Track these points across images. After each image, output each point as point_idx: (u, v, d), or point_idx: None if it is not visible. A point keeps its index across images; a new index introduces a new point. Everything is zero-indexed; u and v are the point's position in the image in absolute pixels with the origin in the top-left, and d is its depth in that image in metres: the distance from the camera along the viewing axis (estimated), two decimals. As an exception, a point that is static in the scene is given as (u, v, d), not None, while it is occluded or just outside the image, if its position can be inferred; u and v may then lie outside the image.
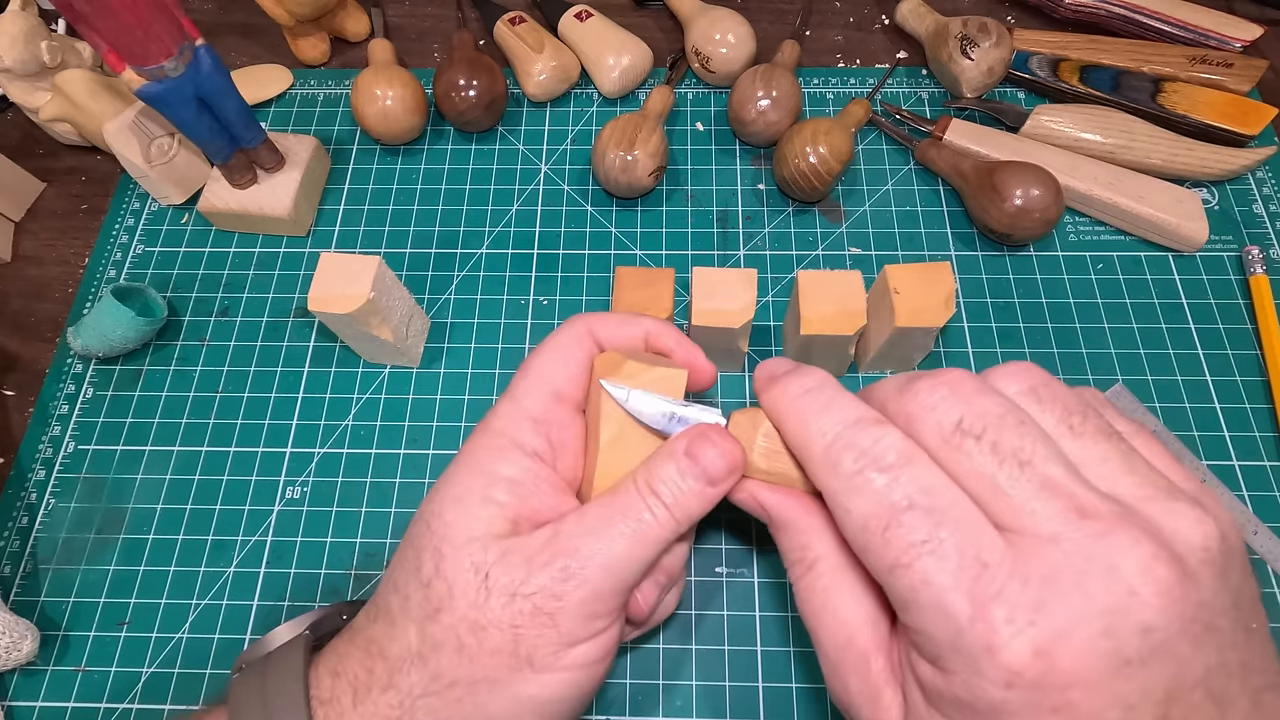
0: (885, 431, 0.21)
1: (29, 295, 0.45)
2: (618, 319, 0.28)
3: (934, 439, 0.20)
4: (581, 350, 0.27)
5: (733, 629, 0.35)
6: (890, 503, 0.20)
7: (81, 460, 0.40)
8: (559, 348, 0.27)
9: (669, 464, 0.24)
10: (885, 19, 0.53)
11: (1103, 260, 0.43)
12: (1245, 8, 0.51)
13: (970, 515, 0.19)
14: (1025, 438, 0.20)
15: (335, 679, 0.24)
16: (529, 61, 0.48)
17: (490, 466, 0.25)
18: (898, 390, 0.22)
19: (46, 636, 0.35)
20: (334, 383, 0.41)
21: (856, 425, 0.21)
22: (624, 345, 0.28)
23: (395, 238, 0.46)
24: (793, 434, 0.23)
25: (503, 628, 0.22)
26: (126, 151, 0.43)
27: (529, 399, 0.26)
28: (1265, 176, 0.45)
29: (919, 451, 0.21)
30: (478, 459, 0.25)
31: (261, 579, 0.37)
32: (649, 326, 0.28)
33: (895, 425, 0.21)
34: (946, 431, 0.20)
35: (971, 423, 0.20)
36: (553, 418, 0.26)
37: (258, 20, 0.52)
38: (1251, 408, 0.39)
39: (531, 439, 0.25)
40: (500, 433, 0.25)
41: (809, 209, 0.46)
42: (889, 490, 0.20)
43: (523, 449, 0.25)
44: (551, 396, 0.26)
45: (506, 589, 0.23)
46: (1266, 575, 0.35)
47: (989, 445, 0.20)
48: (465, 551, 0.23)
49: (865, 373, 0.40)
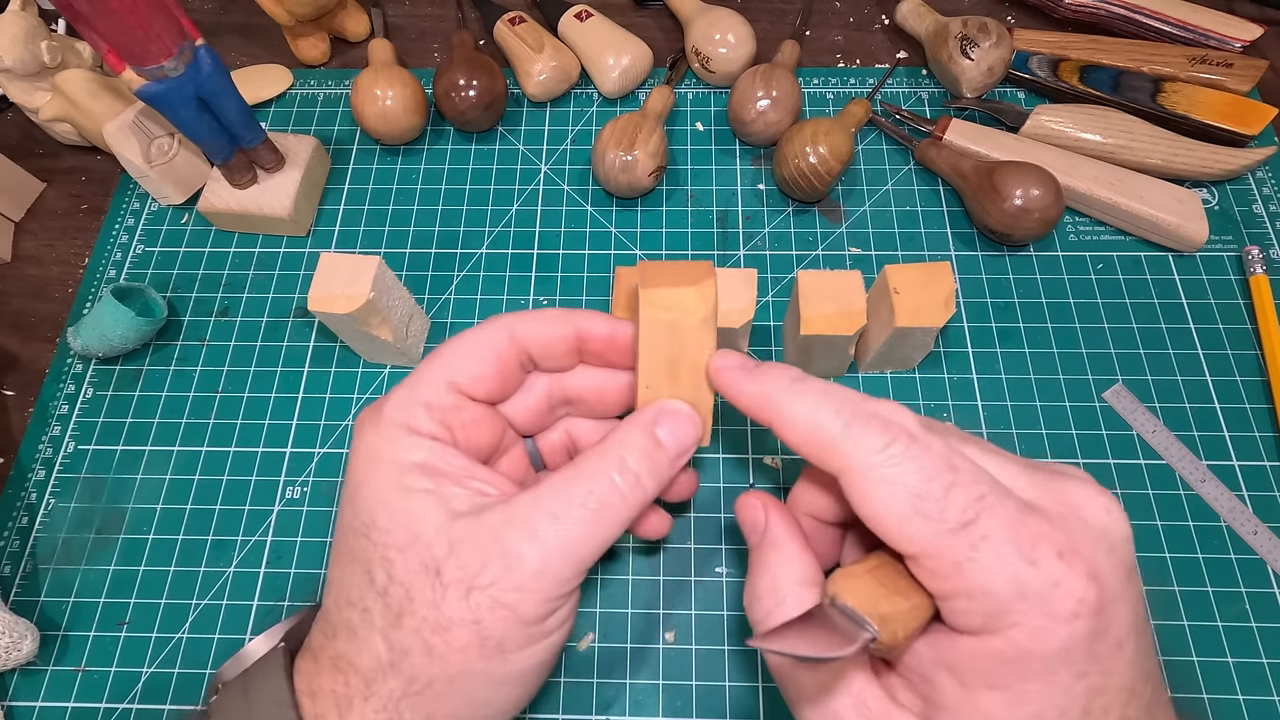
0: (893, 405, 0.21)
1: (29, 295, 0.45)
2: (544, 318, 0.27)
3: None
4: (493, 351, 0.26)
5: (732, 629, 0.35)
6: (950, 465, 0.20)
7: (81, 460, 0.40)
8: (469, 346, 0.26)
9: (639, 436, 0.24)
10: (885, 19, 0.53)
11: (1103, 260, 0.43)
12: (1245, 8, 0.51)
13: (985, 475, 0.21)
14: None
15: (314, 698, 0.23)
16: (529, 61, 0.48)
17: (397, 457, 0.24)
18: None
19: (46, 636, 0.35)
20: (334, 383, 0.41)
21: (864, 401, 0.22)
22: (551, 345, 0.27)
23: (395, 238, 0.46)
24: (802, 421, 0.22)
25: (465, 624, 0.22)
26: (126, 151, 0.43)
27: (424, 388, 0.25)
28: (1265, 176, 0.45)
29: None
30: (378, 455, 0.24)
31: (261, 579, 0.37)
32: (579, 322, 0.27)
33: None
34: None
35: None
36: (448, 404, 0.25)
37: (258, 20, 0.52)
38: (1251, 408, 0.39)
39: (427, 424, 0.24)
40: (392, 422, 0.24)
41: (809, 209, 0.46)
42: (948, 455, 0.20)
43: (419, 433, 0.24)
44: (447, 385, 0.25)
45: (461, 583, 0.22)
46: (1266, 575, 0.35)
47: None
48: (413, 552, 0.22)
49: (865, 373, 0.40)
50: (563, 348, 0.27)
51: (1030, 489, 0.21)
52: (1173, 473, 0.38)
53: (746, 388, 0.24)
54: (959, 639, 0.20)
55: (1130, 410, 0.39)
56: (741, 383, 0.24)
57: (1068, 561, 0.19)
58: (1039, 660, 0.19)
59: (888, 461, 0.21)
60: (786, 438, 0.23)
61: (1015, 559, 0.19)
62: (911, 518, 0.20)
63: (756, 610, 0.24)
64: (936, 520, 0.20)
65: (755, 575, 0.24)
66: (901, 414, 0.22)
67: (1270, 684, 0.33)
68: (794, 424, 0.22)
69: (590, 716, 0.33)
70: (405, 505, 0.23)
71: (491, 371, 0.26)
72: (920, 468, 0.20)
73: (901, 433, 0.21)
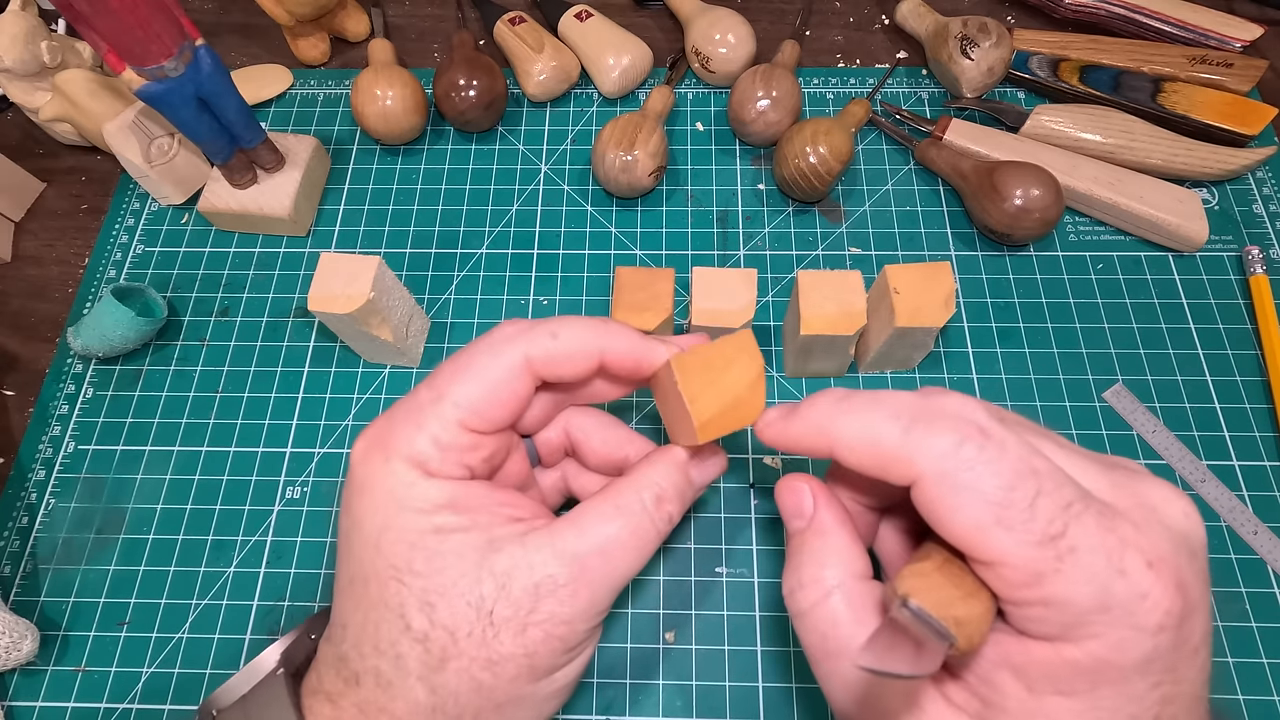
0: (958, 397, 0.20)
1: (29, 295, 0.45)
2: (566, 342, 0.25)
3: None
4: (507, 385, 0.24)
5: (733, 629, 0.35)
6: (1031, 468, 0.19)
7: (81, 460, 0.40)
8: (481, 377, 0.24)
9: (674, 472, 0.25)
10: (885, 19, 0.53)
11: (1103, 260, 0.43)
12: (1245, 8, 0.51)
13: (1069, 479, 0.19)
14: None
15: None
16: (529, 61, 0.48)
17: (426, 498, 0.23)
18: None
19: (46, 636, 0.35)
20: (334, 383, 0.41)
21: (924, 399, 0.20)
22: (570, 372, 0.25)
23: (395, 238, 0.46)
24: (857, 438, 0.21)
25: (517, 658, 0.22)
26: (126, 151, 0.43)
27: (433, 424, 0.23)
28: (1265, 176, 0.45)
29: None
30: (399, 499, 0.23)
31: (261, 579, 0.37)
32: (605, 344, 0.25)
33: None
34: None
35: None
36: (464, 444, 0.24)
37: (258, 20, 0.52)
38: (1251, 408, 0.39)
39: (444, 466, 0.23)
40: (408, 462, 0.23)
41: (809, 209, 0.46)
42: (1027, 456, 0.19)
43: (437, 476, 0.23)
44: (459, 427, 0.23)
45: (513, 621, 0.22)
46: (1266, 575, 0.35)
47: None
48: (456, 594, 0.22)
49: (865, 373, 0.40)
50: (582, 370, 0.25)
51: (1110, 490, 0.20)
52: (1173, 473, 0.38)
53: (793, 431, 0.23)
54: (1028, 644, 0.19)
55: (1130, 410, 0.39)
56: (786, 429, 0.23)
57: (1157, 571, 0.18)
58: (1116, 670, 0.18)
59: (961, 466, 0.19)
60: (849, 463, 0.21)
61: (1104, 570, 0.18)
62: (992, 529, 0.19)
63: (800, 601, 0.22)
64: (1021, 532, 0.18)
65: (799, 564, 0.23)
66: (969, 406, 0.20)
67: (1270, 684, 0.33)
68: (850, 446, 0.21)
69: (590, 716, 0.33)
70: (442, 547, 0.22)
71: (505, 405, 0.24)
72: (998, 472, 0.19)
73: (972, 430, 0.19)
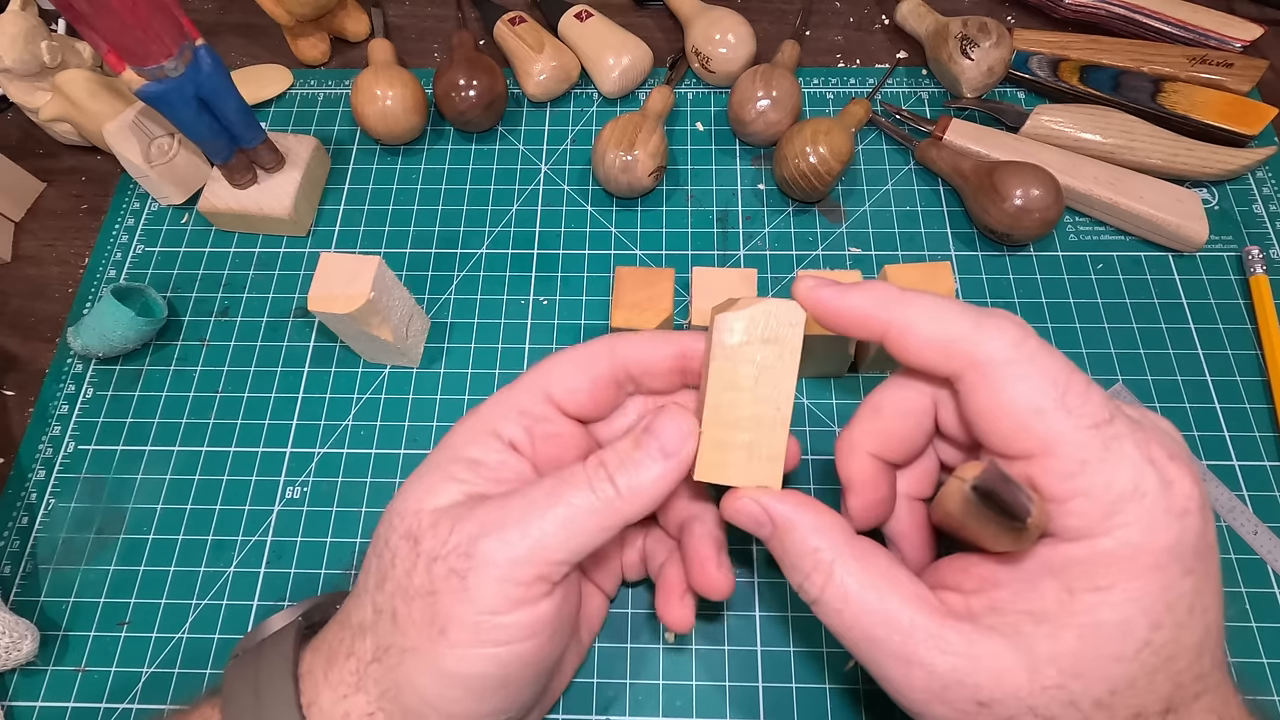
0: (1012, 315, 0.22)
1: (29, 295, 0.45)
2: (646, 337, 0.27)
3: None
4: (590, 367, 0.26)
5: (733, 629, 0.35)
6: (1073, 365, 0.21)
7: (81, 460, 0.40)
8: (569, 360, 0.27)
9: (624, 439, 0.24)
10: (885, 19, 0.53)
11: (1103, 260, 0.43)
12: (1245, 8, 0.51)
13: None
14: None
15: (315, 652, 0.25)
16: (529, 61, 0.48)
17: (458, 447, 0.25)
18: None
19: (46, 636, 0.35)
20: (334, 383, 0.41)
21: (981, 308, 0.23)
22: (653, 364, 0.27)
23: (395, 238, 0.46)
24: (927, 322, 0.22)
25: (424, 594, 0.22)
26: (126, 151, 0.43)
27: (520, 393, 0.26)
28: (1265, 176, 0.45)
29: None
30: (450, 441, 0.26)
31: (261, 579, 0.37)
32: (684, 341, 0.26)
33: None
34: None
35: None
36: (538, 413, 0.26)
37: (258, 20, 0.52)
38: (1251, 408, 0.39)
39: (510, 428, 0.26)
40: (481, 418, 0.26)
41: (809, 209, 0.46)
42: (1064, 357, 0.21)
43: (498, 436, 0.25)
44: (544, 396, 0.26)
45: (430, 553, 0.23)
46: (1266, 575, 0.35)
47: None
48: (407, 520, 0.24)
49: (865, 372, 0.40)
50: (665, 366, 0.26)
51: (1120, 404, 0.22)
52: (1173, 473, 0.38)
53: (850, 302, 0.23)
54: (1062, 545, 0.21)
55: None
56: (842, 299, 0.23)
57: (1179, 463, 0.20)
58: (1150, 555, 0.20)
59: (1025, 356, 0.21)
60: (906, 344, 0.23)
61: (1139, 459, 0.20)
62: (1052, 411, 0.20)
63: (811, 589, 0.23)
64: (1078, 415, 0.20)
65: (789, 563, 0.24)
66: (1020, 320, 0.22)
67: (1270, 684, 0.33)
68: (915, 327, 0.22)
69: (590, 716, 0.33)
70: (430, 484, 0.24)
71: (586, 386, 0.26)
72: (1058, 363, 0.21)
73: (1031, 331, 0.21)
